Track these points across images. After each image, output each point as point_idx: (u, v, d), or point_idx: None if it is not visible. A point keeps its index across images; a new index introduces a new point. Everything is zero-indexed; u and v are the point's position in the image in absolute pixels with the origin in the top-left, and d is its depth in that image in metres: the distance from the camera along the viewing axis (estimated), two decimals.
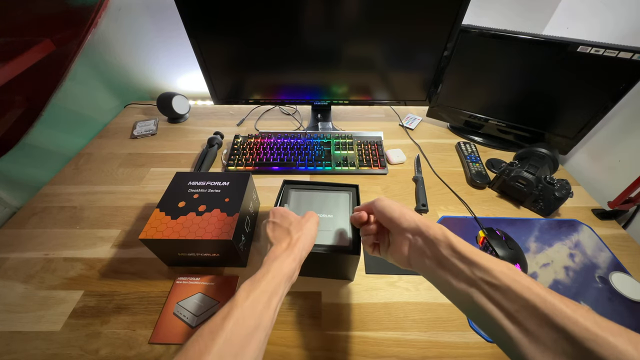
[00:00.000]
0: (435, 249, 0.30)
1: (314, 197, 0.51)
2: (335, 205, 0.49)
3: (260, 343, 0.27)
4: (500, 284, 0.24)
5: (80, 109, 0.84)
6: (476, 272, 0.26)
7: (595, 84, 0.66)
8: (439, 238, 0.30)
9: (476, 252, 0.28)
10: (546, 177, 0.63)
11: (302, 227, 0.38)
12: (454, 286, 0.28)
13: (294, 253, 0.35)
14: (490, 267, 0.26)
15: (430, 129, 0.93)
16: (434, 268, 0.30)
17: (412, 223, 0.33)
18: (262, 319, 0.28)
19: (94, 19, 0.76)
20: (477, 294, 0.26)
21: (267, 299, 0.29)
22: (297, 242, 0.36)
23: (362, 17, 0.66)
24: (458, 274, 0.28)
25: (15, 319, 0.48)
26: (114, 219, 0.63)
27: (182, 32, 0.67)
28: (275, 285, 0.31)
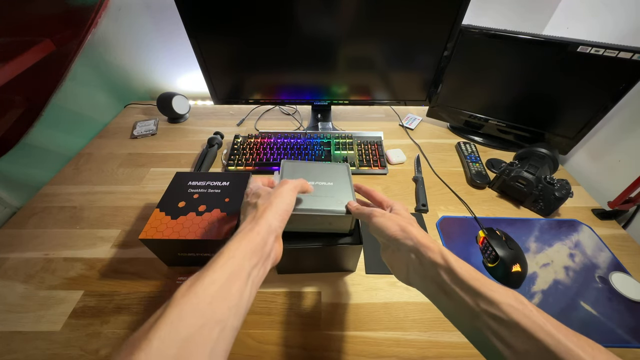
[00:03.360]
0: (435, 273, 0.28)
1: (311, 167, 0.47)
2: (334, 174, 0.46)
3: (213, 340, 0.22)
4: (508, 319, 0.22)
5: (80, 109, 0.84)
6: (480, 304, 0.24)
7: (595, 84, 0.66)
8: (437, 262, 0.28)
9: (479, 278, 0.25)
10: (546, 177, 0.63)
11: (270, 196, 0.33)
12: (456, 314, 0.26)
13: (259, 224, 0.30)
14: (496, 299, 0.23)
15: (430, 129, 0.93)
16: (434, 292, 0.28)
17: (410, 242, 0.30)
18: (214, 313, 0.23)
19: (94, 19, 0.76)
20: (482, 327, 0.24)
21: (220, 287, 0.24)
22: (264, 213, 0.31)
23: (362, 17, 0.66)
24: (460, 303, 0.25)
25: (15, 319, 0.48)
26: (114, 219, 0.63)
27: (182, 32, 0.67)
28: (233, 268, 0.26)
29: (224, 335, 0.23)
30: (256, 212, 0.32)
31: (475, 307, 0.24)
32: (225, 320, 0.23)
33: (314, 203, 0.40)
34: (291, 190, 0.35)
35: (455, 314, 0.26)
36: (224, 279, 0.25)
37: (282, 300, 0.50)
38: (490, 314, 0.23)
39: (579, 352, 0.19)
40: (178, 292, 0.23)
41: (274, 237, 0.31)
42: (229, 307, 0.24)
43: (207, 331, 0.22)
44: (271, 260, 0.31)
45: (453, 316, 0.27)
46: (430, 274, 0.28)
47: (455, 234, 0.61)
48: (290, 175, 0.44)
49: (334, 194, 0.42)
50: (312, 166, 0.48)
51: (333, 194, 0.42)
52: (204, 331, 0.22)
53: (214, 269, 0.25)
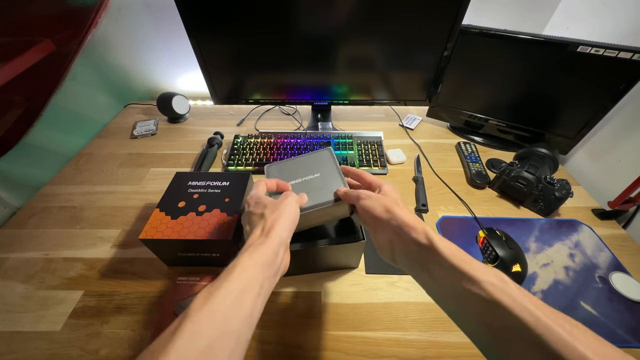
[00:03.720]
0: (418, 252, 0.28)
1: (294, 164, 0.46)
2: (318, 164, 0.45)
3: (229, 351, 0.23)
4: (488, 297, 0.22)
5: (80, 109, 0.84)
6: (463, 283, 0.24)
7: (595, 84, 0.66)
8: (421, 241, 0.28)
9: (462, 257, 0.26)
10: (546, 177, 0.63)
11: (278, 207, 0.34)
12: (439, 293, 0.26)
13: (270, 237, 0.30)
14: (478, 278, 0.23)
15: (430, 129, 0.93)
16: (418, 271, 0.28)
17: (394, 222, 0.31)
18: (229, 324, 0.23)
19: (94, 19, 0.76)
20: (464, 306, 0.24)
21: (234, 299, 0.25)
22: (274, 225, 0.31)
23: (362, 16, 0.66)
24: (443, 282, 0.26)
25: (15, 319, 0.48)
26: (114, 219, 0.63)
27: (182, 32, 0.67)
28: (247, 280, 0.26)
29: (239, 346, 0.24)
30: (264, 223, 0.32)
31: (457, 286, 0.24)
32: (240, 331, 0.24)
33: (310, 199, 0.40)
34: (295, 202, 0.36)
35: (439, 293, 0.27)
36: (237, 291, 0.25)
37: (282, 300, 0.50)
38: (472, 292, 0.23)
39: (558, 329, 0.19)
40: (194, 304, 0.24)
41: (284, 248, 0.32)
42: (242, 319, 0.25)
43: (224, 342, 0.23)
44: (281, 271, 0.32)
45: (436, 295, 0.27)
46: (414, 254, 0.28)
47: (455, 234, 0.61)
48: (280, 178, 0.44)
49: (323, 185, 0.41)
50: (296, 163, 0.46)
51: (322, 185, 0.41)
52: (221, 342, 0.22)
53: (229, 281, 0.26)
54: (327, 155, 0.46)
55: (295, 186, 0.41)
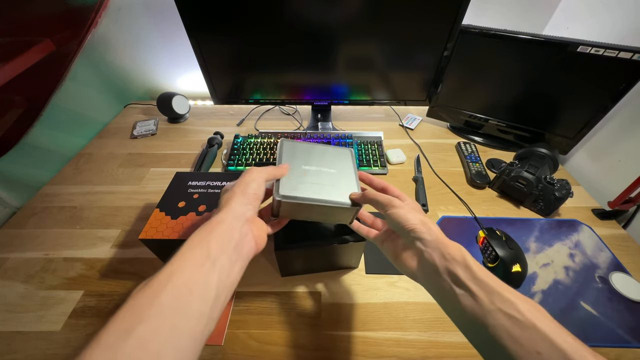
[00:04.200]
0: (451, 269, 0.27)
1: (312, 150, 0.43)
2: (336, 159, 0.42)
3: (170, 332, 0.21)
4: (524, 320, 0.22)
5: (80, 109, 0.84)
6: (496, 302, 0.24)
7: (595, 84, 0.66)
8: (456, 258, 0.27)
9: (496, 279, 0.26)
10: (546, 177, 0.63)
11: (234, 185, 0.33)
12: (465, 312, 0.25)
13: (221, 212, 0.29)
14: (513, 300, 0.23)
15: (430, 129, 0.93)
16: (444, 289, 0.27)
17: (429, 237, 0.30)
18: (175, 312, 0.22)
19: (94, 19, 0.76)
20: (494, 326, 0.23)
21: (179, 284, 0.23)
22: (227, 202, 0.30)
23: (362, 16, 0.66)
24: (473, 300, 0.25)
25: (15, 319, 0.48)
26: (114, 219, 0.63)
27: (182, 32, 0.67)
28: (193, 261, 0.25)
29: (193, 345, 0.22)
30: (221, 202, 0.31)
31: (489, 304, 0.24)
32: (193, 315, 0.23)
33: (314, 191, 0.37)
34: (258, 173, 0.34)
35: (465, 312, 0.26)
36: (181, 273, 0.24)
37: (283, 301, 0.50)
38: (506, 312, 0.23)
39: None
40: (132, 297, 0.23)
41: (242, 222, 0.30)
42: (190, 299, 0.23)
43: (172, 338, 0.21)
44: (249, 245, 0.30)
45: (460, 315, 0.27)
46: (445, 270, 0.28)
47: (455, 234, 0.61)
48: (290, 157, 0.40)
49: (336, 183, 0.39)
50: (313, 149, 0.43)
51: (335, 183, 0.39)
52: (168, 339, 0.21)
53: (167, 269, 0.24)
54: (347, 155, 0.44)
55: (307, 173, 0.39)
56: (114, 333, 0.21)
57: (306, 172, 0.39)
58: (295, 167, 0.39)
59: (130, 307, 0.22)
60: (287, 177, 0.37)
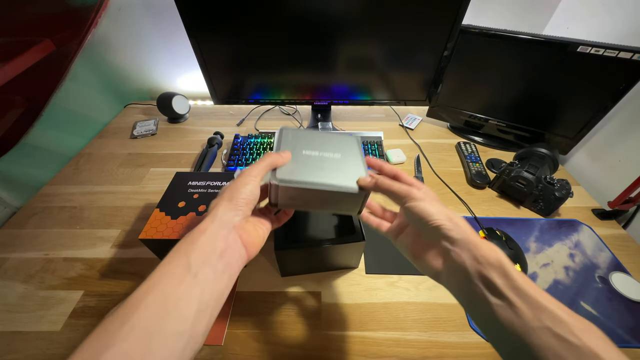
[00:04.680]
0: (485, 274, 0.24)
1: (315, 136, 0.39)
2: (341, 144, 0.39)
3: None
4: (581, 344, 0.19)
5: (80, 109, 0.84)
6: (543, 318, 0.20)
7: (595, 84, 0.66)
8: (491, 262, 0.24)
9: (541, 290, 0.22)
10: (546, 177, 0.63)
11: (225, 189, 0.30)
12: (502, 325, 0.22)
13: (205, 221, 0.27)
14: (565, 319, 0.20)
15: (430, 129, 0.93)
16: (476, 295, 0.24)
17: (458, 235, 0.26)
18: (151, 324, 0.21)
19: (94, 19, 0.76)
20: (539, 347, 0.20)
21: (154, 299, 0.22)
22: (213, 208, 0.29)
23: (362, 16, 0.66)
24: (513, 313, 0.21)
25: (15, 319, 0.48)
26: (114, 219, 0.63)
27: (182, 32, 0.67)
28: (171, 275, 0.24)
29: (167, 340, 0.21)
30: (208, 209, 0.29)
31: (534, 321, 0.21)
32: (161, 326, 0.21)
33: (316, 175, 0.33)
34: (253, 177, 0.30)
35: (500, 325, 0.22)
36: (159, 288, 0.23)
37: (282, 301, 0.50)
38: (556, 333, 0.20)
39: None
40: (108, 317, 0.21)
41: (228, 229, 0.28)
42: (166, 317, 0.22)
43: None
44: (238, 252, 0.28)
45: (493, 327, 0.23)
46: (478, 275, 0.24)
47: None
48: (291, 145, 0.36)
49: (341, 167, 0.35)
50: (316, 135, 0.40)
51: (340, 167, 0.35)
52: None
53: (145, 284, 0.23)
54: (353, 141, 0.40)
55: (307, 158, 0.35)
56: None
57: (307, 156, 0.35)
58: (295, 152, 0.35)
59: (100, 331, 0.20)
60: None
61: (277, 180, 0.31)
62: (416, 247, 0.30)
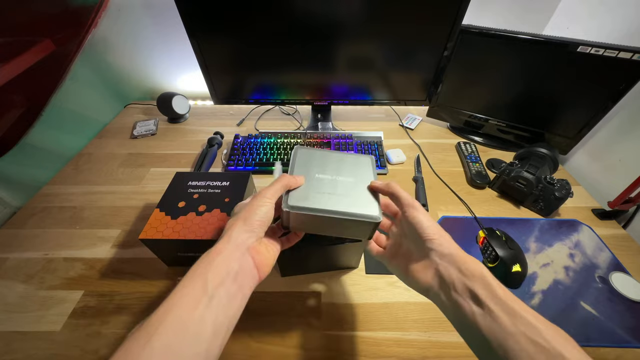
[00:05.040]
0: (469, 285, 0.26)
1: (328, 157, 0.40)
2: (355, 167, 0.39)
3: None
4: (550, 348, 0.21)
5: (80, 109, 0.84)
6: (519, 325, 0.23)
7: (595, 84, 0.66)
8: (475, 274, 0.26)
9: (518, 300, 0.25)
10: (546, 177, 0.63)
11: (241, 210, 0.31)
12: (482, 332, 0.24)
13: (221, 243, 0.28)
14: (538, 325, 0.22)
15: (430, 129, 0.93)
16: (460, 306, 0.26)
17: (447, 250, 0.29)
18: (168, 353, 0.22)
19: (94, 19, 0.76)
20: (515, 351, 0.22)
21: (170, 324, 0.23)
22: (229, 229, 0.29)
23: (362, 17, 0.66)
24: (493, 321, 0.24)
25: (15, 319, 0.48)
26: (114, 219, 0.63)
27: (182, 32, 0.67)
28: (189, 297, 0.25)
29: None
30: (225, 229, 0.30)
31: (511, 327, 0.23)
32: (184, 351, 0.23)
33: (328, 202, 0.34)
34: (269, 199, 0.31)
35: (482, 333, 0.24)
36: (177, 311, 0.24)
37: (282, 301, 0.50)
38: (530, 337, 0.22)
39: None
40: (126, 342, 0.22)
41: (242, 251, 0.29)
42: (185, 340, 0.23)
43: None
44: (251, 274, 0.29)
45: (475, 335, 0.25)
46: (463, 286, 0.26)
47: (455, 234, 0.61)
48: (303, 165, 0.38)
49: (353, 193, 0.36)
50: (330, 156, 0.40)
51: (352, 193, 0.35)
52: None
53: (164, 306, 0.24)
54: (366, 163, 0.40)
55: (320, 182, 0.36)
56: None
57: (320, 180, 0.36)
58: (308, 175, 0.36)
59: (123, 352, 0.21)
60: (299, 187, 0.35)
61: (288, 207, 0.32)
62: (408, 263, 0.32)
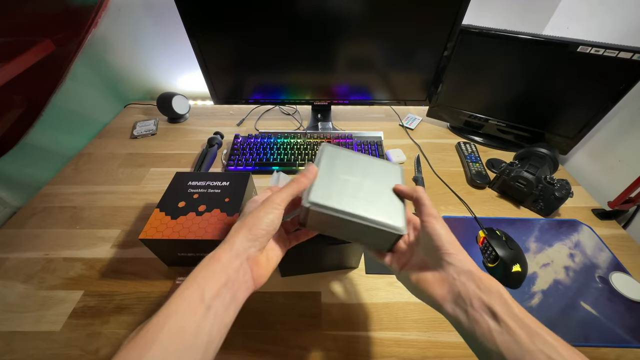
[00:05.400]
0: (486, 302, 0.26)
1: (356, 159, 0.37)
2: (383, 174, 0.36)
3: None
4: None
5: (80, 109, 0.84)
6: (537, 343, 0.23)
7: (595, 84, 0.66)
8: (493, 292, 0.26)
9: (534, 318, 0.25)
10: (546, 177, 0.63)
11: (247, 216, 0.30)
12: (499, 349, 0.24)
13: (222, 249, 0.28)
14: (555, 343, 0.23)
15: (430, 129, 0.93)
16: (476, 322, 0.26)
17: (466, 266, 0.28)
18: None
19: (94, 19, 0.76)
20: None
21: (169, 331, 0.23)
22: (233, 236, 0.29)
23: (362, 16, 0.66)
24: (511, 338, 0.24)
25: (15, 319, 0.48)
26: (114, 219, 0.63)
27: (182, 32, 0.67)
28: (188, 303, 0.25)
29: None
30: (229, 233, 0.30)
31: (530, 345, 0.23)
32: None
33: (352, 205, 0.31)
34: (278, 204, 0.30)
35: (497, 348, 0.24)
36: (175, 319, 0.24)
37: (282, 301, 0.50)
38: (548, 355, 0.23)
39: None
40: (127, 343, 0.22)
41: (242, 260, 0.28)
42: (182, 349, 0.23)
43: None
44: (245, 285, 0.29)
45: (491, 350, 0.25)
46: (480, 302, 0.26)
47: (455, 234, 0.60)
48: (329, 163, 0.35)
49: (379, 200, 0.33)
50: (358, 159, 0.37)
51: (378, 200, 0.33)
52: None
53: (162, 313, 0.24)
54: (397, 171, 0.38)
55: (345, 183, 0.33)
56: None
57: (345, 181, 0.33)
58: (333, 175, 0.34)
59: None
60: (322, 183, 0.32)
61: (309, 203, 0.30)
62: (420, 276, 0.31)
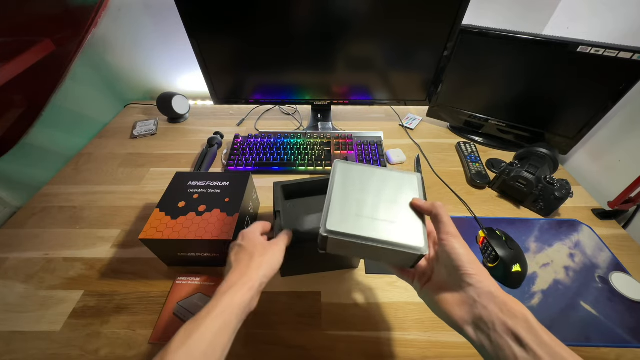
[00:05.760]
0: (511, 327, 0.25)
1: (370, 175, 0.36)
2: (399, 188, 0.35)
3: None
4: None
5: (80, 109, 0.84)
6: None
7: (595, 84, 0.65)
8: (517, 315, 0.25)
9: (564, 346, 0.24)
10: (546, 177, 0.63)
11: (267, 251, 0.35)
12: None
13: (252, 280, 0.32)
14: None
15: (430, 129, 0.93)
16: (500, 347, 0.25)
17: (487, 288, 0.27)
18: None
19: (94, 19, 0.76)
20: None
21: (210, 342, 0.27)
22: (259, 267, 0.33)
23: (362, 16, 0.66)
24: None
25: (15, 319, 0.48)
26: (114, 219, 0.63)
27: (182, 32, 0.67)
28: (224, 321, 0.29)
29: None
30: (250, 262, 0.34)
31: None
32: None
33: (369, 228, 0.30)
34: (283, 251, 0.38)
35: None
36: (213, 334, 0.28)
37: (283, 300, 0.50)
38: None
39: None
40: (173, 343, 0.27)
41: (258, 293, 0.33)
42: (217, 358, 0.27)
43: None
44: (250, 310, 0.32)
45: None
46: (504, 326, 0.25)
47: None
48: (343, 186, 0.34)
49: (397, 219, 0.32)
50: (372, 174, 0.36)
51: (396, 219, 0.32)
52: None
53: (206, 324, 0.28)
54: (414, 182, 0.36)
55: (361, 204, 0.33)
56: None
57: (361, 202, 0.33)
58: (348, 196, 0.33)
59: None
60: (337, 207, 0.32)
61: (325, 232, 0.30)
62: (441, 295, 0.31)
